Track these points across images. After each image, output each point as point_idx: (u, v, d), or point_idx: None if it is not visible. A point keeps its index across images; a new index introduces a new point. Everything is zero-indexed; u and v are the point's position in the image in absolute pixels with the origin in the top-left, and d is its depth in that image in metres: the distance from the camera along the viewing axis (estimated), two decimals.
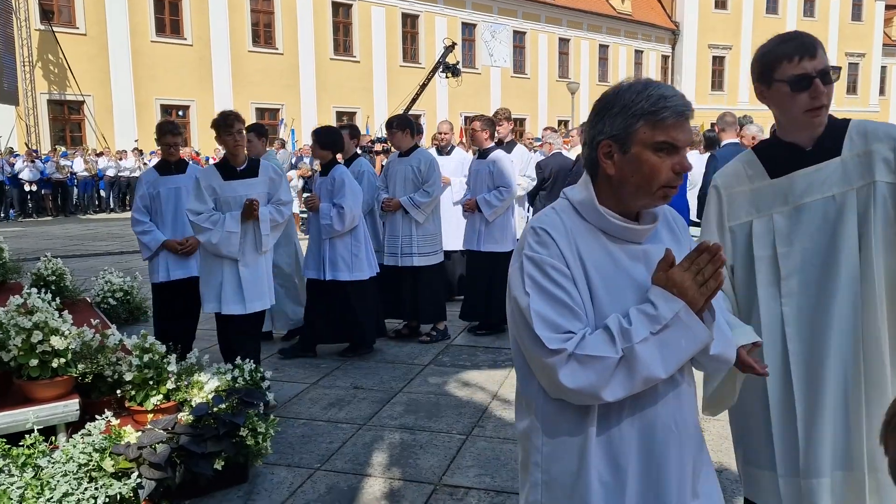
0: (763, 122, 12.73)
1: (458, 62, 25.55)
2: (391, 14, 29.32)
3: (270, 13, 26.16)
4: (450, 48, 25.33)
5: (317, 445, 3.78)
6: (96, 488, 2.89)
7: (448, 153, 6.89)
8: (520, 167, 6.78)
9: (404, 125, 5.87)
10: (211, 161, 16.92)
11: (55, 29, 21.24)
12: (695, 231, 7.34)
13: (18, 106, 20.25)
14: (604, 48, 37.66)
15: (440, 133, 6.75)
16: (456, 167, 6.90)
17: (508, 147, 6.73)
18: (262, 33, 26.06)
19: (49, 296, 3.40)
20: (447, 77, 25.29)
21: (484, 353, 5.54)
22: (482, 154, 6.02)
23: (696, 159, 7.75)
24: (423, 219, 5.70)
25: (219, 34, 24.69)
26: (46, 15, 21.21)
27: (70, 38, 21.70)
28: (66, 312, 3.31)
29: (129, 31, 22.83)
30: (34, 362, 3.09)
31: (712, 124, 8.96)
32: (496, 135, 6.32)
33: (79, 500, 2.82)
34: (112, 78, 22.61)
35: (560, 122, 33.93)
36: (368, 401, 4.45)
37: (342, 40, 28.20)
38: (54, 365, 3.14)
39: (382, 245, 5.88)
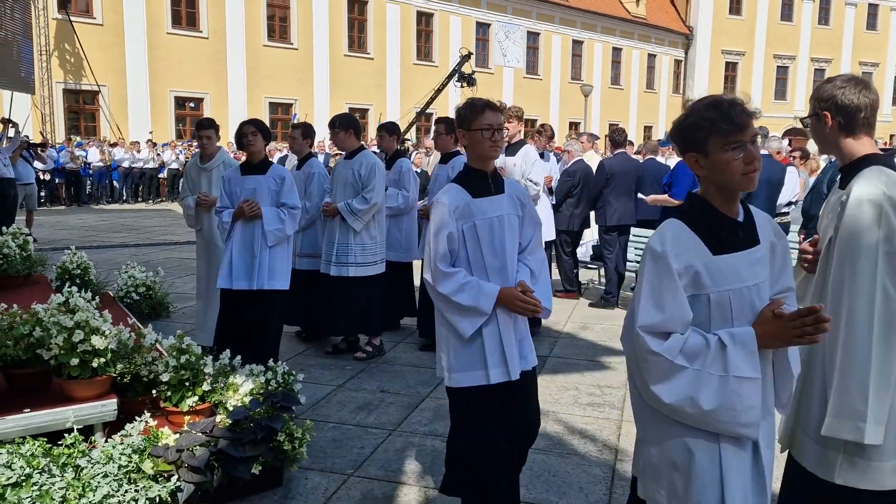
0: (773, 130, 12.58)
1: (473, 71, 25.32)
2: (406, 12, 29.30)
3: (286, 8, 26.17)
4: (466, 57, 25.09)
5: (348, 450, 3.78)
6: (136, 490, 2.89)
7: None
8: (521, 169, 6.21)
9: (347, 125, 5.43)
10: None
11: (72, 18, 21.28)
12: None
13: (34, 94, 20.28)
14: (617, 51, 37.58)
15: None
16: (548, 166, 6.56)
17: (514, 148, 6.31)
18: (278, 28, 26.06)
19: (89, 294, 3.40)
20: (462, 86, 25.04)
21: None
22: (444, 158, 5.77)
23: None
24: (359, 227, 5.30)
25: (234, 28, 24.71)
26: (64, 4, 21.25)
27: (87, 27, 21.75)
28: (105, 311, 3.31)
29: (146, 23, 22.86)
30: (75, 361, 3.09)
31: None
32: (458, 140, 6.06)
33: (119, 501, 2.82)
34: (127, 69, 22.65)
35: (571, 125, 33.91)
36: (396, 405, 4.44)
37: (357, 37, 28.20)
38: (94, 364, 3.13)
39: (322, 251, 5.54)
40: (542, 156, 6.86)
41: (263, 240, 4.65)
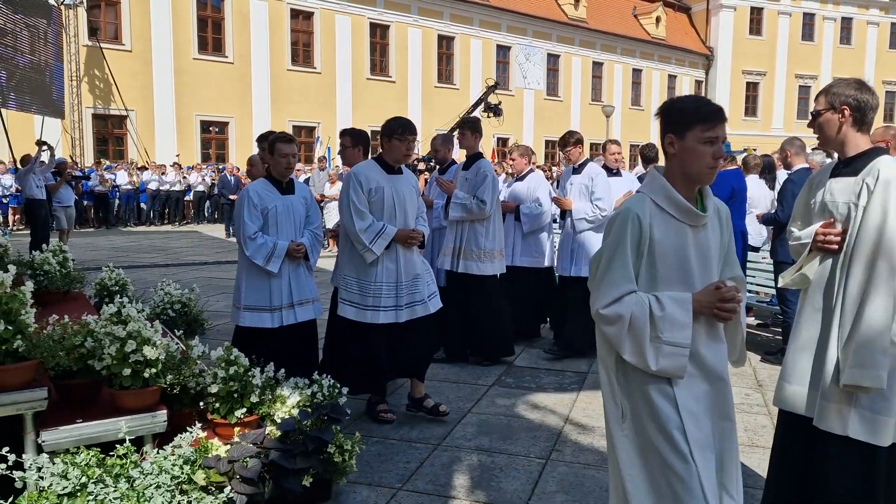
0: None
1: (499, 102, 25.00)
2: (427, 35, 29.62)
3: (310, 33, 26.57)
4: (492, 88, 24.80)
5: (395, 464, 3.72)
6: (189, 501, 2.86)
7: (618, 174, 6.68)
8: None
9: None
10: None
11: (102, 45, 21.75)
12: (754, 256, 7.17)
13: (64, 119, 20.70)
14: (637, 72, 37.64)
15: (612, 154, 6.62)
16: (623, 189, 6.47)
17: (579, 169, 6.13)
18: (301, 52, 26.44)
19: (140, 305, 3.40)
20: (489, 116, 24.58)
21: (547, 375, 5.45)
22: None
23: (754, 184, 7.65)
24: None
25: (259, 53, 25.11)
26: (94, 31, 21.75)
27: (116, 54, 22.20)
28: (156, 322, 3.31)
29: (173, 49, 23.31)
30: (127, 372, 3.08)
31: (758, 153, 8.88)
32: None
33: None
34: (155, 93, 23.08)
35: (593, 146, 33.87)
36: (438, 420, 4.38)
37: (379, 60, 28.52)
38: (146, 375, 3.12)
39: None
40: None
41: None
